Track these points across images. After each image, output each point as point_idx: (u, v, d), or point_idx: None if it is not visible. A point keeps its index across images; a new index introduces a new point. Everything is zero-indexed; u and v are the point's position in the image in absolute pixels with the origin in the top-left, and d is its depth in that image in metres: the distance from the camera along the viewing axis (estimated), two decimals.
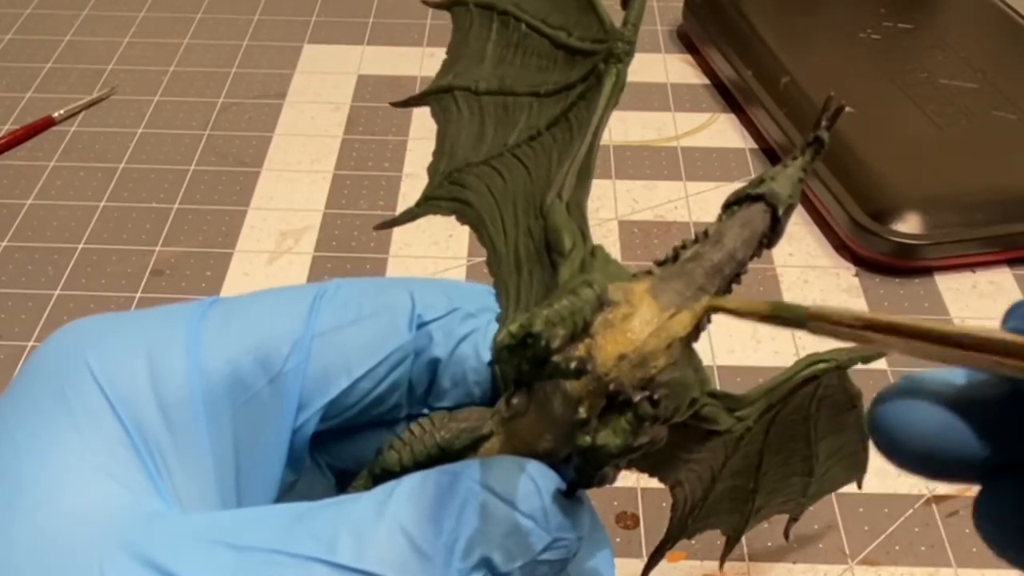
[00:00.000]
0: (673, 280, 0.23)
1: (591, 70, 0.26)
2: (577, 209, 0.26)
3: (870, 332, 0.19)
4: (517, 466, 0.23)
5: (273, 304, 0.27)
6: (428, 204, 0.29)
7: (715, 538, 0.37)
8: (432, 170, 0.29)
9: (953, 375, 0.20)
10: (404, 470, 0.26)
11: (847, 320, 0.19)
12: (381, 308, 0.27)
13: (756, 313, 0.22)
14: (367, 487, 0.26)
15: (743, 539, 0.37)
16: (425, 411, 0.29)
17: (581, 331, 0.23)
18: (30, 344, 0.44)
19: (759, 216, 0.24)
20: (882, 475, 0.39)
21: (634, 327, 0.23)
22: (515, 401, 0.24)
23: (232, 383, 0.25)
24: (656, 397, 0.23)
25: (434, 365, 0.28)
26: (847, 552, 0.37)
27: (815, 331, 0.20)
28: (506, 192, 0.27)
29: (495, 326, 0.27)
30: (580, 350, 0.23)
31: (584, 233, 0.26)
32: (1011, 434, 0.19)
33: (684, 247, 0.24)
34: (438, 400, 0.28)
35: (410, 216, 0.29)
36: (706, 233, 0.24)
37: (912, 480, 0.39)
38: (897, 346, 0.19)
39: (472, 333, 0.28)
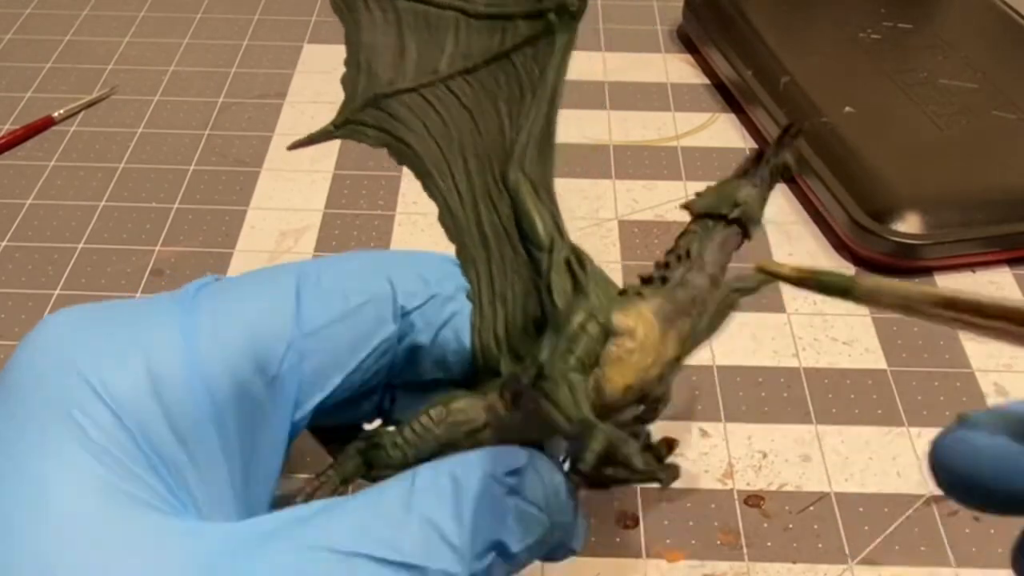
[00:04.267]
0: (665, 306, 0.26)
1: (537, 14, 0.25)
2: (546, 192, 0.27)
3: (929, 307, 0.19)
4: (523, 459, 0.26)
5: (260, 298, 0.27)
6: (350, 129, 0.28)
7: (714, 539, 0.37)
8: (347, 83, 0.28)
9: (1013, 408, 0.21)
10: (406, 465, 0.28)
11: (900, 294, 0.20)
12: (365, 300, 0.28)
13: (802, 280, 0.23)
14: (356, 471, 0.29)
15: (743, 539, 0.37)
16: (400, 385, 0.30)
17: (591, 365, 0.25)
18: None
19: (734, 238, 0.27)
20: (882, 475, 0.39)
21: (640, 362, 0.26)
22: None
23: (234, 392, 0.25)
24: (650, 431, 0.27)
25: (415, 349, 0.29)
26: (847, 552, 0.37)
27: (863, 301, 0.21)
28: (450, 139, 0.27)
29: (468, 305, 0.28)
30: (591, 383, 0.25)
31: (558, 224, 0.27)
32: None
33: (668, 266, 0.26)
34: (417, 377, 0.29)
35: (326, 135, 0.28)
36: (688, 253, 0.26)
37: (912, 480, 0.39)
38: (953, 321, 0.19)
39: (452, 318, 0.29)
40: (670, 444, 0.27)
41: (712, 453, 0.40)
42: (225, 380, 0.25)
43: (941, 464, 0.21)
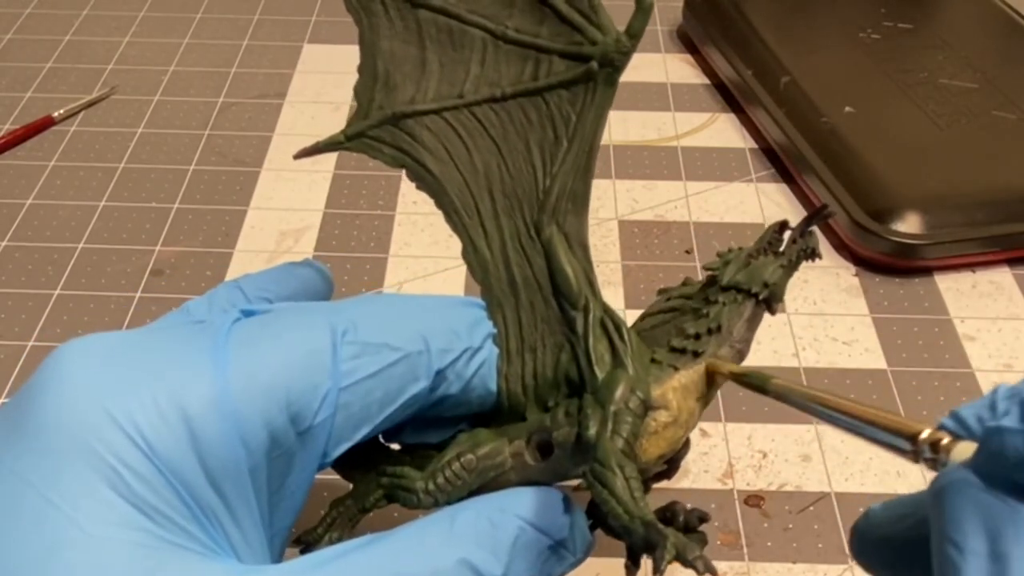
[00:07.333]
0: (699, 381, 0.28)
1: (578, 58, 0.24)
2: (580, 247, 0.27)
3: (814, 404, 0.25)
4: (552, 504, 0.27)
5: (296, 346, 0.26)
6: (363, 143, 0.28)
7: (714, 539, 0.37)
8: (361, 91, 0.27)
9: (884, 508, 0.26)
10: (435, 506, 0.29)
11: (800, 391, 0.25)
12: (400, 357, 0.28)
13: (734, 375, 0.27)
14: (376, 503, 0.30)
15: (743, 539, 0.37)
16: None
17: (634, 443, 0.26)
18: (30, 344, 0.44)
19: (760, 315, 0.28)
20: (882, 475, 0.39)
21: (674, 435, 0.27)
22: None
23: (268, 441, 0.25)
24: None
25: (443, 398, 0.29)
26: (847, 552, 0.37)
27: (776, 397, 0.26)
28: (475, 170, 0.27)
29: (495, 350, 0.29)
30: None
31: (591, 281, 0.27)
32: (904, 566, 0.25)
33: (698, 337, 0.28)
34: (438, 415, 0.30)
35: (335, 146, 0.28)
36: (719, 327, 0.28)
37: (911, 480, 0.39)
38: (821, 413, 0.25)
39: (480, 367, 0.29)
40: (702, 517, 0.29)
41: (712, 453, 0.40)
42: (259, 429, 0.25)
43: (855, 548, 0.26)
